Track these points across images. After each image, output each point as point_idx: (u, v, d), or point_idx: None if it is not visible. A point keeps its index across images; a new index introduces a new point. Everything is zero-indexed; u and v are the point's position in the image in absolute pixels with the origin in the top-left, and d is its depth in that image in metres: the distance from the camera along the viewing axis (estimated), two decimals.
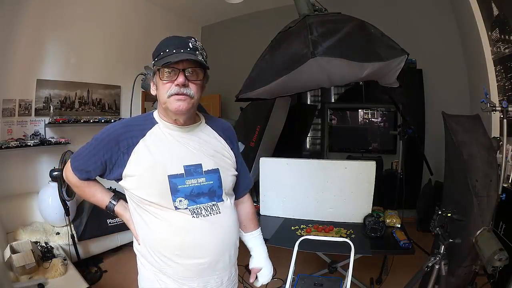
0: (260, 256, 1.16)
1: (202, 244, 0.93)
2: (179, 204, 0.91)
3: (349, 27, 1.68)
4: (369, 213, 2.14)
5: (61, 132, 3.12)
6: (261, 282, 1.16)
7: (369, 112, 4.04)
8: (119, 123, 0.97)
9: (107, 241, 2.87)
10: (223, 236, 0.97)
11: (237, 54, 4.68)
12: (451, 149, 1.69)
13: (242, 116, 3.30)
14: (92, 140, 0.97)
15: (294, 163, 2.34)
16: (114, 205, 1.03)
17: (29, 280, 1.89)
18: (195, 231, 0.92)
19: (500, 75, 2.35)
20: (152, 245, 0.95)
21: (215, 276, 0.97)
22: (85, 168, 0.98)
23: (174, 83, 0.89)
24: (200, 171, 0.95)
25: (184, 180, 0.92)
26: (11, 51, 2.74)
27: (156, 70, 0.92)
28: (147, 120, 0.98)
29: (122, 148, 0.92)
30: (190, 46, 0.90)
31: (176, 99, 0.89)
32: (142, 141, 0.93)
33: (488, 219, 1.43)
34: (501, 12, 2.25)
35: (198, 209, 0.93)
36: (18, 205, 2.69)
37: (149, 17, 4.07)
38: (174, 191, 0.90)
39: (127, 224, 1.04)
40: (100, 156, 0.94)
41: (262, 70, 1.90)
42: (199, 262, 0.93)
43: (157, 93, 0.95)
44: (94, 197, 1.05)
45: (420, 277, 1.55)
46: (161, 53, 0.90)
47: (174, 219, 0.91)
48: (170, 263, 0.93)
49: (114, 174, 0.95)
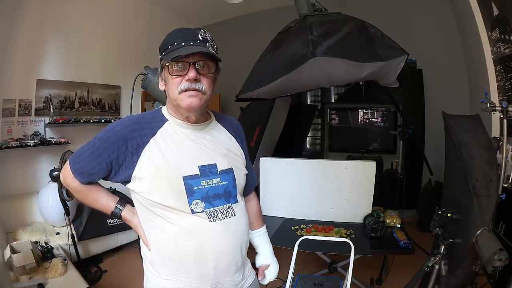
0: (267, 253, 1.14)
1: (218, 248, 0.89)
2: (196, 207, 0.86)
3: (349, 27, 1.69)
4: (369, 213, 2.13)
5: (61, 132, 3.12)
6: (268, 279, 1.13)
7: (369, 112, 4.03)
8: (125, 121, 0.91)
9: (107, 241, 2.87)
10: (237, 239, 0.94)
11: (237, 54, 4.67)
12: (451, 149, 1.69)
13: (242, 116, 3.29)
14: (95, 139, 0.89)
15: (294, 163, 2.34)
16: (121, 210, 0.96)
17: (29, 280, 1.89)
18: (211, 236, 0.88)
19: (500, 75, 2.35)
20: (165, 251, 0.89)
21: (228, 278, 0.94)
22: (88, 171, 0.90)
23: (184, 78, 0.84)
24: (215, 171, 0.90)
25: (200, 181, 0.87)
26: (11, 51, 2.73)
27: (164, 65, 0.87)
28: (156, 117, 0.92)
29: (130, 148, 0.86)
30: (199, 38, 0.85)
31: (187, 95, 0.84)
32: (153, 140, 0.87)
33: (488, 219, 1.43)
34: (501, 12, 2.25)
35: (215, 212, 0.88)
36: (18, 205, 2.69)
37: (149, 17, 4.06)
38: (190, 193, 0.85)
39: (136, 229, 0.97)
40: (105, 157, 0.86)
41: (262, 70, 1.90)
42: (213, 265, 0.89)
43: (166, 88, 0.89)
44: (98, 203, 0.97)
45: (420, 277, 1.55)
46: (169, 46, 0.84)
47: (189, 223, 0.86)
48: (183, 269, 0.88)
49: (121, 176, 0.89)
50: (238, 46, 4.79)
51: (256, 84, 1.90)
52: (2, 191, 2.68)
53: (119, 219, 0.98)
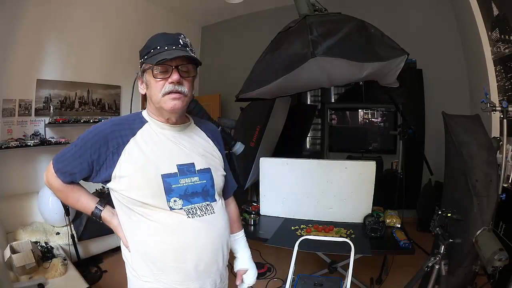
0: (245, 258, 1.15)
1: (198, 245, 0.91)
2: (174, 204, 0.88)
3: (349, 27, 1.69)
4: (369, 213, 2.14)
5: (61, 132, 3.12)
6: (247, 284, 1.14)
7: (369, 112, 4.04)
8: (108, 122, 0.93)
9: (107, 241, 2.87)
10: (217, 236, 0.95)
11: (237, 54, 4.68)
12: (451, 149, 1.69)
13: (242, 116, 3.29)
14: (78, 140, 0.91)
15: (294, 163, 2.34)
16: (101, 211, 0.97)
17: (29, 280, 1.89)
18: (191, 231, 0.90)
19: (500, 75, 2.35)
20: (145, 251, 0.90)
21: (210, 279, 0.95)
22: (70, 171, 0.92)
23: (168, 81, 0.87)
24: (193, 170, 0.93)
25: (178, 180, 0.90)
26: (11, 51, 2.74)
27: (145, 69, 0.90)
28: (136, 119, 0.95)
29: (111, 148, 0.88)
30: (181, 42, 0.89)
31: (171, 98, 0.88)
32: (133, 140, 0.90)
33: (488, 219, 1.43)
34: (501, 12, 2.25)
35: (193, 209, 0.91)
36: (18, 205, 2.69)
37: (149, 17, 4.07)
38: (168, 191, 0.88)
39: (115, 230, 0.98)
40: (87, 157, 0.88)
41: (262, 70, 1.90)
42: (195, 264, 0.90)
43: (148, 92, 0.92)
44: (78, 203, 0.98)
45: (420, 277, 1.55)
46: (151, 50, 0.87)
47: (168, 220, 0.88)
48: (164, 268, 0.89)
49: (102, 175, 0.90)
50: (238, 46, 4.80)
51: (256, 84, 1.90)
52: (2, 191, 2.68)
53: (99, 219, 0.99)
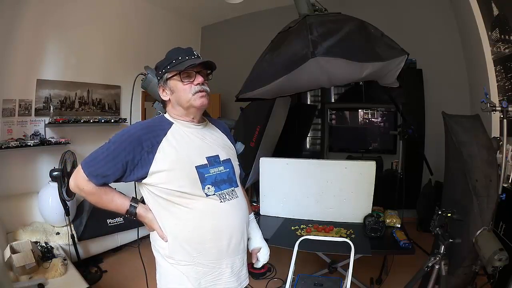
0: (257, 238, 1.27)
1: (230, 225, 1.06)
2: (208, 191, 1.02)
3: (349, 27, 1.69)
4: (369, 213, 2.13)
5: (61, 132, 3.12)
6: (262, 261, 1.26)
7: (369, 112, 4.04)
8: (137, 126, 1.05)
9: (107, 241, 2.87)
10: (243, 217, 1.12)
11: (237, 54, 4.68)
12: (451, 149, 1.69)
13: (242, 116, 3.29)
14: (109, 143, 1.00)
15: (294, 163, 2.34)
16: (136, 208, 1.05)
17: (29, 280, 1.89)
18: (223, 214, 1.05)
19: (500, 75, 2.35)
20: (184, 237, 1.02)
21: (239, 255, 1.10)
22: (103, 173, 0.98)
23: (193, 83, 1.04)
24: (219, 160, 1.09)
25: (209, 169, 1.04)
26: (11, 51, 2.74)
27: (170, 76, 1.05)
28: (163, 122, 1.08)
29: (146, 148, 0.99)
30: (195, 53, 1.07)
31: (200, 96, 1.04)
32: (165, 139, 1.02)
33: (488, 219, 1.43)
34: (501, 12, 2.25)
35: (223, 195, 1.06)
36: (18, 205, 2.69)
37: (149, 17, 4.07)
38: (202, 180, 1.02)
39: (151, 224, 1.06)
40: (122, 158, 0.97)
41: (262, 70, 1.90)
42: (227, 242, 1.05)
43: (174, 96, 1.06)
44: (112, 203, 1.04)
45: (420, 277, 1.55)
46: (173, 61, 1.03)
47: (205, 205, 1.02)
48: (202, 250, 1.02)
49: (138, 173, 1.00)
50: (238, 46, 4.80)
51: (256, 84, 1.90)
52: (2, 191, 2.68)
53: (133, 216, 1.06)
